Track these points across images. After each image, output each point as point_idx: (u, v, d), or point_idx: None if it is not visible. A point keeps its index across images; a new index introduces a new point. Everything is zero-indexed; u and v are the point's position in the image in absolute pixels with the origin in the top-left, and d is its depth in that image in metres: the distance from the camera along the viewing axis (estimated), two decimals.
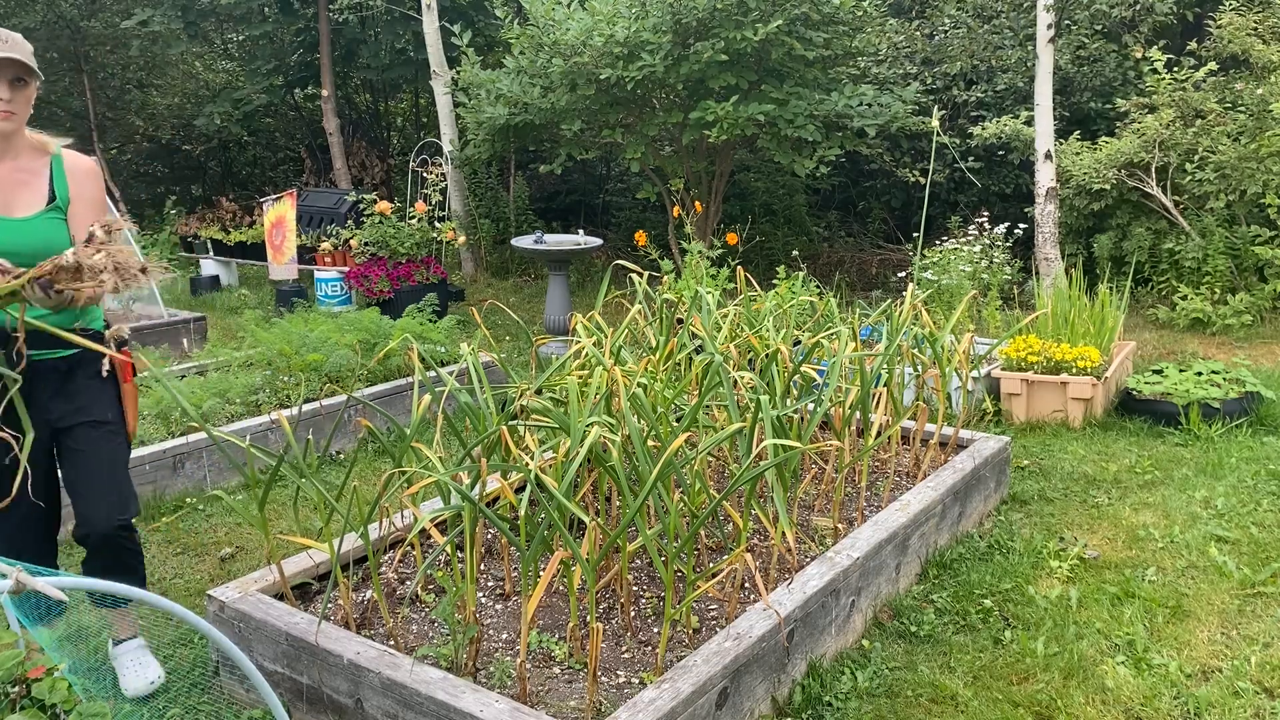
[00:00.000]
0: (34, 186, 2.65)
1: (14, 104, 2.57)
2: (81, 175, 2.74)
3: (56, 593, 1.69)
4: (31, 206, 2.64)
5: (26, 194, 2.64)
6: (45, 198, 2.66)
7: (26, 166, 2.67)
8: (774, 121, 8.16)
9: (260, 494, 2.94)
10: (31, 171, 2.67)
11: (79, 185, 2.72)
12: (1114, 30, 9.92)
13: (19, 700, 2.36)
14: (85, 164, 2.77)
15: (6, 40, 2.51)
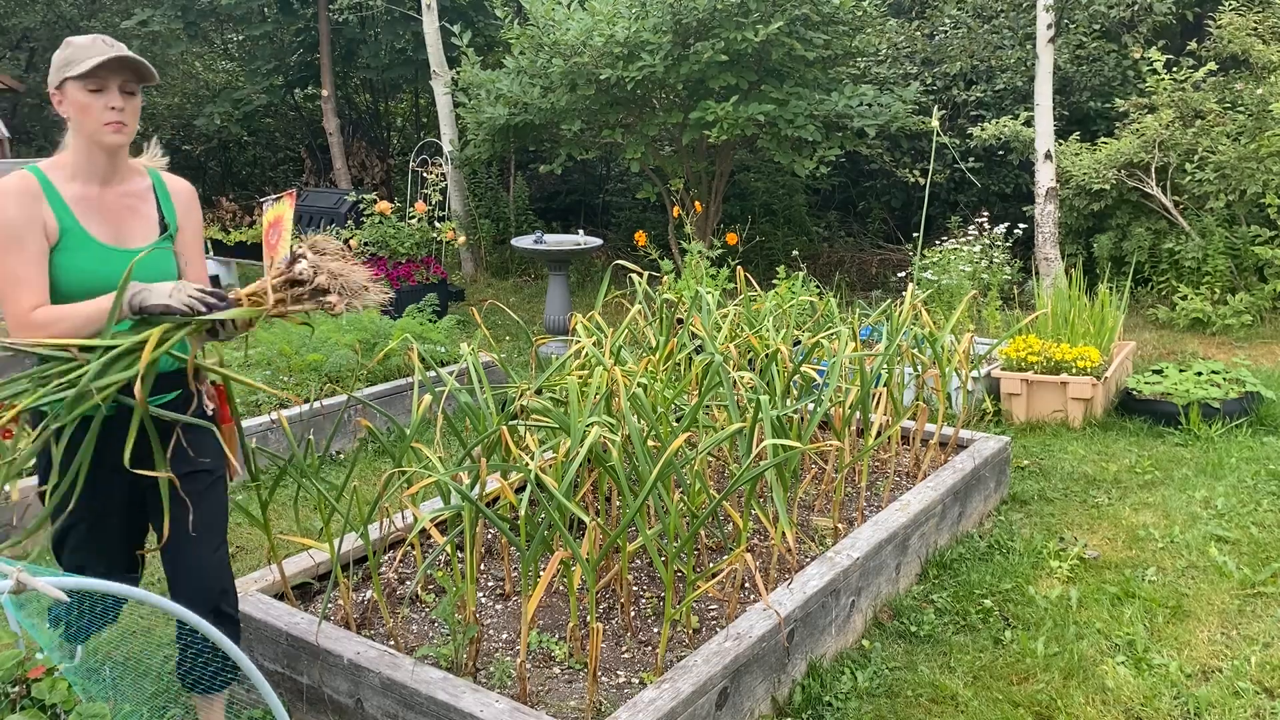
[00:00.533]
0: (144, 213, 2.30)
1: (126, 114, 2.18)
2: (186, 200, 2.41)
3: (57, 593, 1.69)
4: (146, 235, 2.28)
5: (138, 222, 2.28)
6: (156, 226, 2.31)
7: (133, 190, 2.30)
8: (774, 121, 8.16)
9: (260, 494, 2.94)
10: (139, 196, 2.31)
11: (185, 211, 2.39)
12: (1113, 30, 9.92)
13: (19, 700, 2.36)
14: (186, 186, 2.43)
15: (113, 44, 2.19)
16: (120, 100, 2.16)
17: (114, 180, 2.26)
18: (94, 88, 2.12)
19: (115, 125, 2.16)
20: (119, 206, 2.26)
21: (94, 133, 2.15)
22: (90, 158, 2.20)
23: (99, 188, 2.23)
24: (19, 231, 2.10)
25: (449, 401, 3.27)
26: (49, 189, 2.17)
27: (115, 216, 2.25)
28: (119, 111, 2.16)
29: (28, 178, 2.15)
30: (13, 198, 2.11)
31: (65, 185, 2.20)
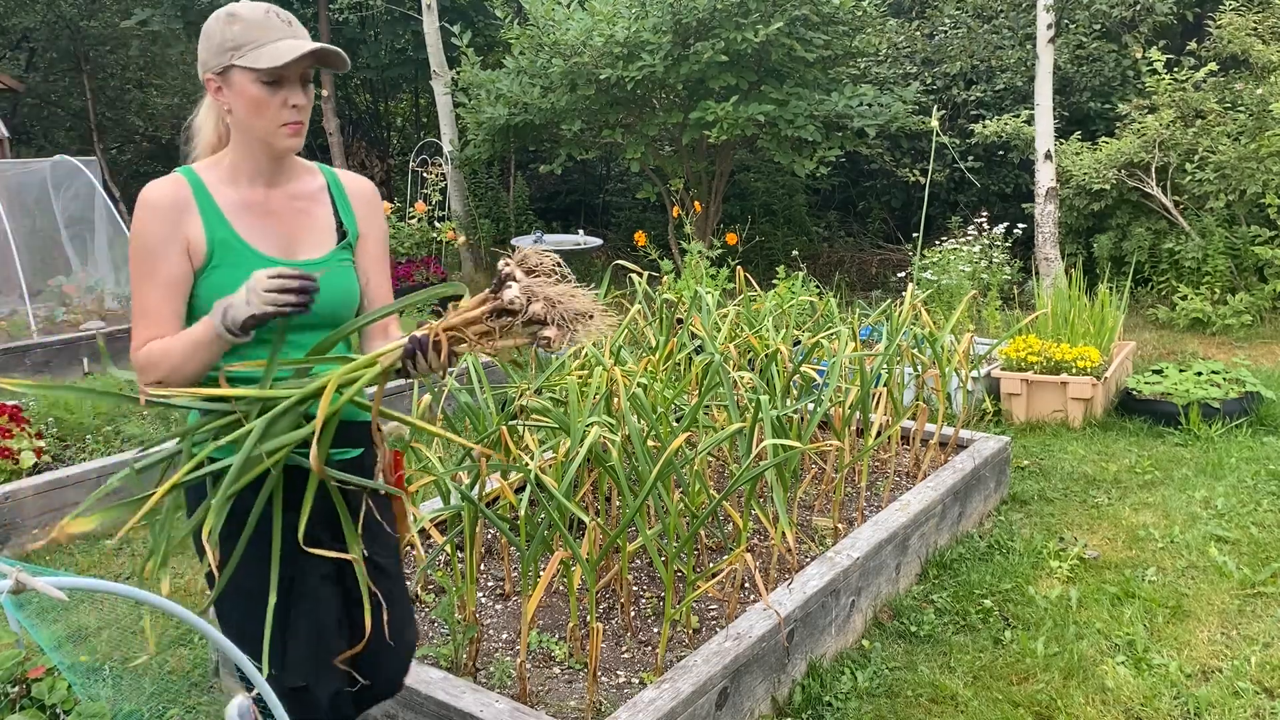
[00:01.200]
0: (317, 218, 1.90)
1: (305, 111, 1.80)
2: (368, 201, 1.99)
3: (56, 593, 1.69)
4: (319, 245, 1.88)
5: (310, 229, 1.88)
6: (333, 232, 1.90)
7: (304, 192, 1.90)
8: (774, 122, 8.16)
9: None
10: (310, 198, 1.91)
11: (368, 215, 1.97)
12: (1114, 30, 9.92)
13: (19, 700, 2.36)
14: (368, 187, 2.01)
15: (292, 23, 1.78)
16: (301, 95, 1.77)
17: (281, 181, 1.87)
18: (272, 80, 1.72)
19: (294, 127, 1.78)
20: (288, 211, 1.87)
21: (268, 135, 1.77)
22: (255, 158, 1.83)
23: (264, 190, 1.85)
24: (154, 253, 1.75)
25: (449, 401, 3.26)
26: (203, 196, 1.80)
27: (283, 223, 1.86)
28: (298, 110, 1.77)
29: (179, 184, 1.79)
30: (155, 211, 1.75)
31: (222, 190, 1.82)
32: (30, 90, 15.34)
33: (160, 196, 1.76)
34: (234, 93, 1.74)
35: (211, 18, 1.76)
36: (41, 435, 4.53)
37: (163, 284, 1.75)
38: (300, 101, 1.76)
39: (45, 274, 7.97)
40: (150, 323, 1.75)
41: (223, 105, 1.77)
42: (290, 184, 1.88)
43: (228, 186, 1.83)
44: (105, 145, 15.52)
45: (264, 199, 1.85)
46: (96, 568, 3.87)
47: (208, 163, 1.85)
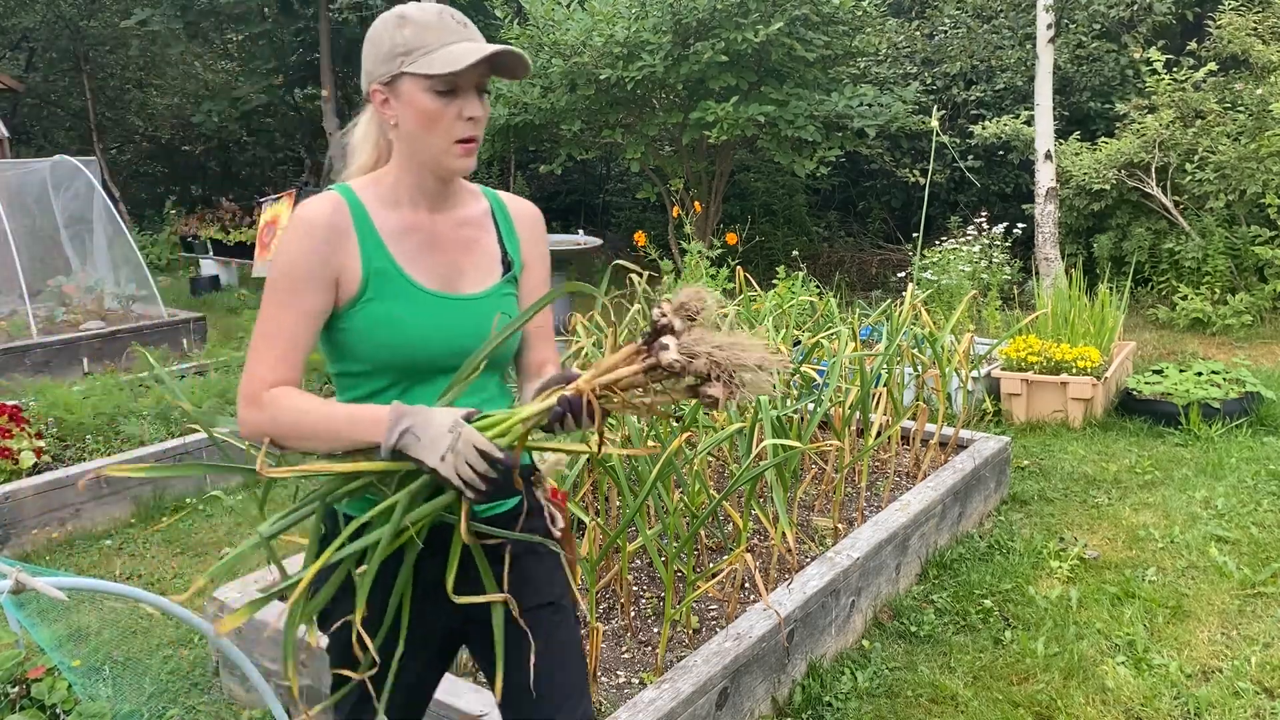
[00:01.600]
0: (483, 247, 1.68)
1: (480, 125, 1.57)
2: (533, 229, 1.76)
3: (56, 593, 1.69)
4: (483, 278, 1.66)
5: (474, 260, 1.67)
6: (498, 263, 1.68)
7: (469, 218, 1.68)
8: (774, 122, 8.16)
9: (259, 494, 2.94)
10: (476, 225, 1.69)
11: (532, 243, 1.75)
12: (1113, 30, 9.92)
13: (19, 700, 2.36)
14: (532, 212, 1.78)
15: (467, 25, 1.57)
16: (477, 106, 1.54)
17: (445, 205, 1.65)
18: (444, 88, 1.51)
19: (466, 146, 1.55)
20: (453, 240, 1.65)
21: (438, 153, 1.55)
22: (419, 179, 1.60)
23: (427, 214, 1.63)
24: (300, 280, 1.54)
25: None
26: (362, 221, 1.59)
27: (447, 253, 1.64)
28: (474, 124, 1.54)
29: (338, 207, 1.57)
30: (310, 235, 1.54)
31: (382, 213, 1.61)
32: (30, 90, 15.34)
33: (317, 219, 1.55)
34: (403, 104, 1.53)
35: (379, 21, 1.56)
36: (41, 435, 4.53)
37: (301, 315, 1.54)
38: (476, 113, 1.54)
39: (45, 274, 7.97)
40: (276, 354, 1.55)
41: (389, 119, 1.56)
42: (456, 209, 1.67)
43: (388, 209, 1.61)
44: (105, 145, 15.53)
45: (428, 225, 1.63)
46: (96, 568, 3.88)
47: (366, 180, 1.64)
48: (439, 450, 1.35)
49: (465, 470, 1.34)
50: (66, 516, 4.15)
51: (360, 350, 1.58)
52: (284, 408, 1.54)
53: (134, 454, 4.43)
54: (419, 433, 1.38)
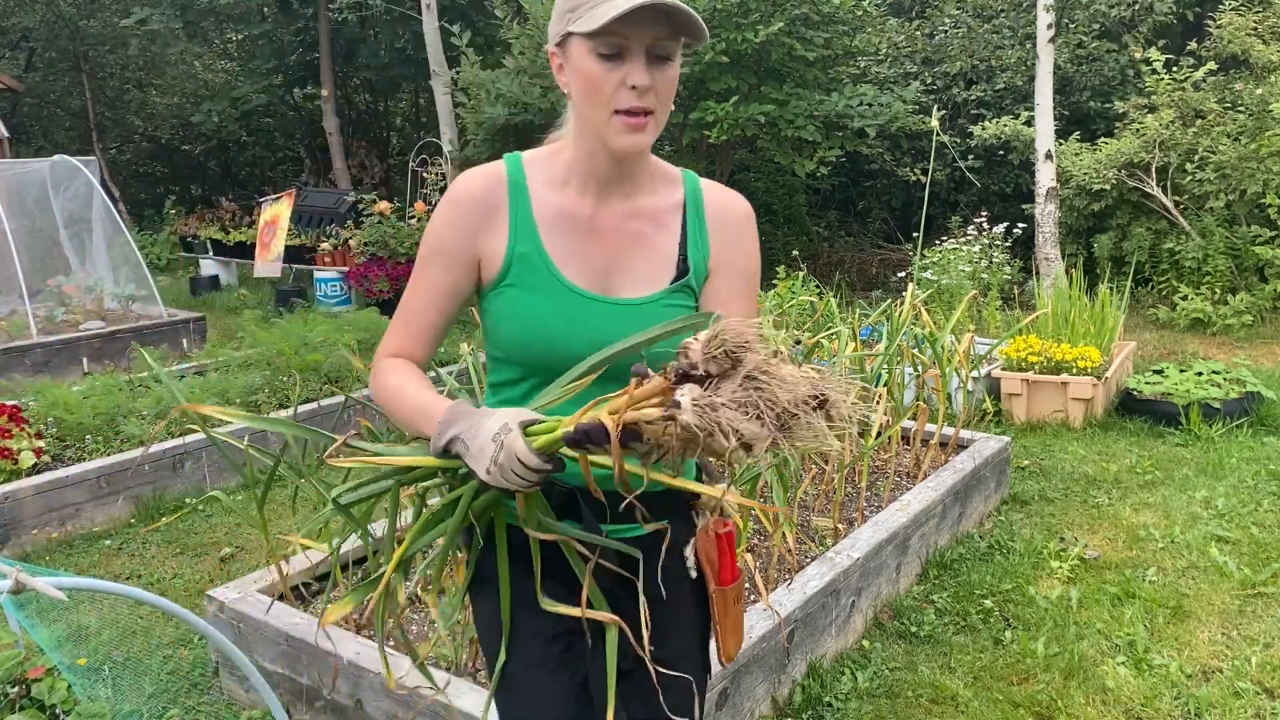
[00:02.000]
0: (654, 246, 1.45)
1: (654, 96, 1.33)
2: (733, 227, 1.50)
3: (56, 593, 1.69)
4: (648, 281, 1.44)
5: (641, 258, 1.45)
6: (671, 266, 1.45)
7: (647, 209, 1.46)
8: (774, 122, 8.16)
9: (258, 494, 2.94)
10: (654, 218, 1.46)
11: (729, 243, 1.49)
12: (1113, 30, 9.92)
13: (19, 700, 2.36)
14: (738, 208, 1.52)
15: None
16: (644, 74, 1.30)
17: (621, 191, 1.44)
18: (608, 51, 1.30)
19: (635, 119, 1.32)
20: (617, 233, 1.44)
21: (599, 127, 1.34)
22: (591, 159, 1.41)
23: (594, 201, 1.44)
24: (435, 253, 1.45)
25: None
26: (518, 198, 1.44)
27: (607, 247, 1.43)
28: (641, 93, 1.31)
29: (497, 181, 1.45)
30: (457, 209, 1.43)
31: (544, 194, 1.45)
32: (29, 90, 15.34)
33: (463, 195, 1.43)
34: (570, 68, 1.35)
35: None
36: (41, 435, 4.53)
37: (429, 290, 1.46)
38: (641, 81, 1.29)
39: (44, 274, 7.97)
40: (400, 324, 1.49)
41: (564, 88, 1.39)
42: (634, 198, 1.44)
43: (552, 189, 1.45)
44: (104, 145, 15.53)
45: (591, 213, 1.44)
46: (96, 568, 3.87)
47: (545, 153, 1.48)
48: (484, 461, 1.22)
49: (512, 479, 1.21)
50: (66, 516, 4.15)
51: (495, 336, 1.46)
52: (383, 380, 1.46)
53: (134, 453, 4.43)
54: (467, 441, 1.25)
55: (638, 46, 1.29)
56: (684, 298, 1.44)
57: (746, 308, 1.51)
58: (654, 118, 1.33)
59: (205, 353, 6.32)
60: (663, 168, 1.49)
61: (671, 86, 1.34)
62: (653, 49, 1.30)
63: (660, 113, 1.34)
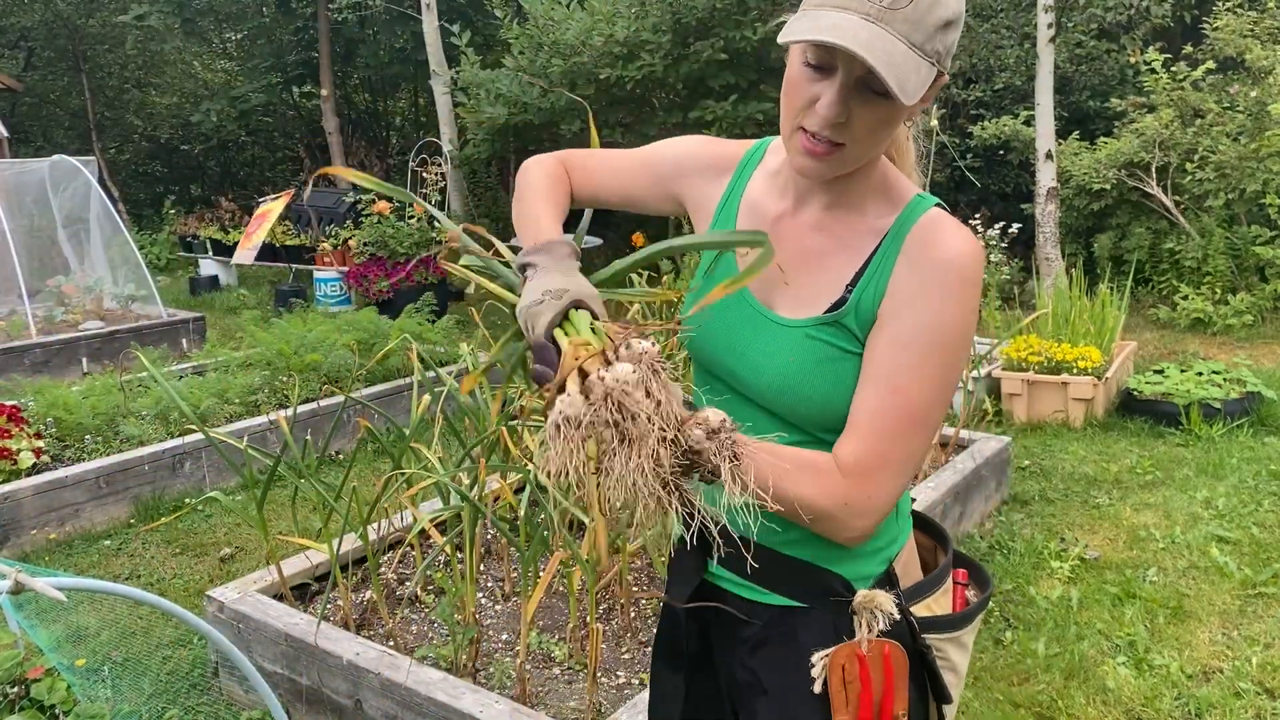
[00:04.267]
0: (828, 267, 1.24)
1: (847, 130, 1.13)
2: (928, 271, 1.16)
3: (55, 593, 1.68)
4: (806, 303, 1.23)
5: (809, 277, 1.25)
6: (834, 294, 1.22)
7: (841, 225, 1.24)
8: (774, 120, 8.16)
9: (258, 495, 2.94)
10: (839, 238, 1.24)
11: (911, 291, 1.17)
12: (1112, 30, 9.92)
13: (18, 701, 2.35)
14: (939, 251, 1.16)
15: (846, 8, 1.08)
16: (836, 105, 1.10)
17: (821, 201, 1.26)
18: (815, 61, 1.12)
19: (812, 144, 1.14)
20: (796, 243, 1.26)
21: (784, 133, 1.19)
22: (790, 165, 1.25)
23: (792, 203, 1.28)
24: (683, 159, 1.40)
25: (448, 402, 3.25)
26: (741, 174, 1.36)
27: (781, 255, 1.25)
28: (831, 124, 1.11)
29: (738, 151, 1.39)
30: (717, 150, 1.39)
31: (761, 178, 1.34)
32: (28, 89, 15.33)
33: (725, 146, 1.39)
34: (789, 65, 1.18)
35: None
36: (40, 435, 4.52)
37: (627, 159, 1.44)
38: (829, 113, 1.10)
39: (43, 274, 7.97)
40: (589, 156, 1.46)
41: None
42: (834, 209, 1.25)
43: (766, 179, 1.33)
44: (103, 145, 15.52)
45: (779, 214, 1.30)
46: (96, 568, 3.87)
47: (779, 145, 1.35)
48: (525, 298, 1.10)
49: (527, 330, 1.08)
50: (66, 517, 4.15)
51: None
52: (531, 174, 1.40)
53: (134, 454, 4.43)
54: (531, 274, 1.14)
55: (844, 72, 1.10)
56: (833, 334, 1.20)
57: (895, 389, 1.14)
58: (842, 152, 1.14)
59: (204, 353, 6.32)
60: (894, 186, 1.25)
61: (876, 126, 1.13)
62: (865, 79, 1.09)
63: (854, 149, 1.14)
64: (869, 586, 1.24)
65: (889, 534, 1.28)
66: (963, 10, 1.12)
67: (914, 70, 1.07)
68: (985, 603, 1.39)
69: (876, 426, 1.14)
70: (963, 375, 4.50)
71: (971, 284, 1.15)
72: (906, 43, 1.07)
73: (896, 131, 1.22)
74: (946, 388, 1.16)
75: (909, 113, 1.18)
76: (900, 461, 1.15)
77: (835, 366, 1.19)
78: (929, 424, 1.16)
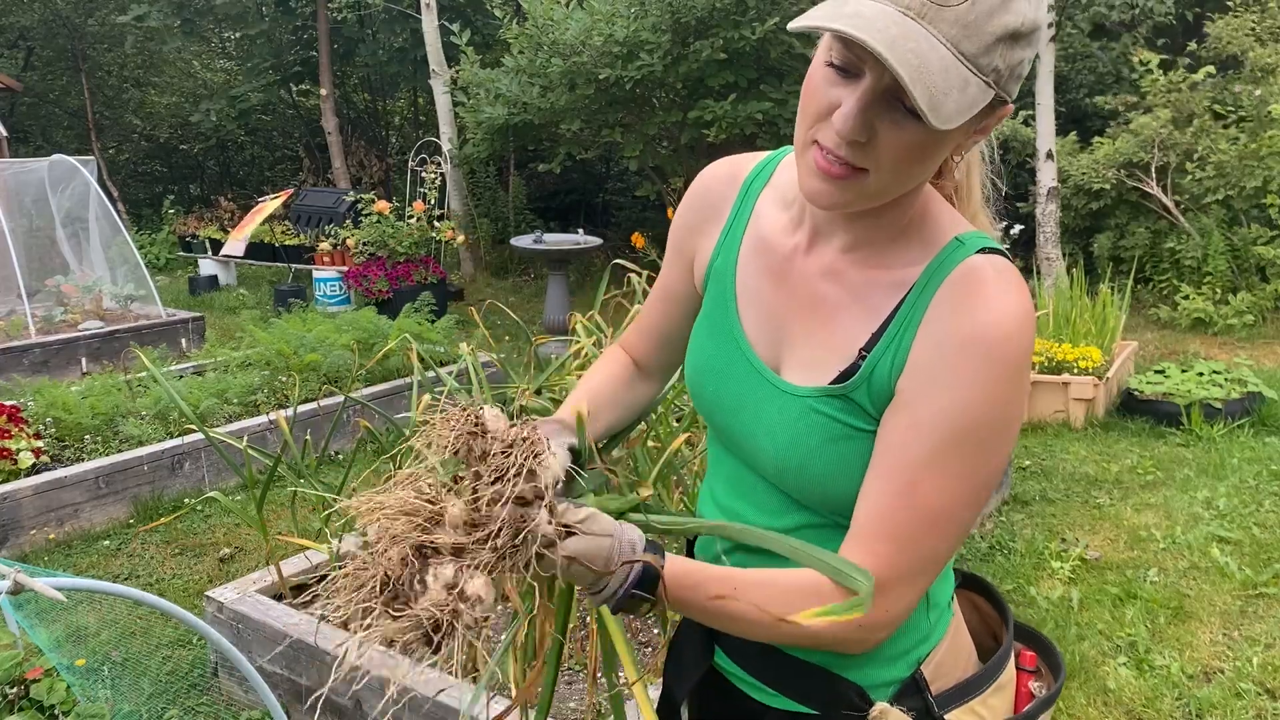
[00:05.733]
0: (839, 323, 1.02)
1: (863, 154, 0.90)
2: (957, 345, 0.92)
3: (54, 593, 1.68)
4: (813, 367, 1.03)
5: (817, 333, 1.04)
6: (844, 360, 1.00)
7: (858, 273, 1.02)
8: (773, 120, 8.16)
9: (258, 495, 2.93)
10: (855, 290, 1.02)
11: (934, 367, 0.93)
12: (1113, 29, 9.92)
13: (17, 701, 2.35)
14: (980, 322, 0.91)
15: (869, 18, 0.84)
16: (856, 120, 0.88)
17: (841, 238, 1.03)
18: (839, 62, 0.90)
19: (832, 165, 0.91)
20: (806, 289, 1.05)
21: (797, 147, 0.97)
22: None
23: (807, 238, 1.06)
24: (669, 246, 1.22)
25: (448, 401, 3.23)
26: (744, 203, 1.15)
27: (789, 307, 1.06)
28: (847, 141, 0.90)
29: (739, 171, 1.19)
30: (693, 195, 1.20)
31: (769, 208, 1.13)
32: (28, 89, 15.32)
33: (701, 183, 1.19)
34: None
35: None
36: (40, 435, 4.52)
37: (657, 286, 1.24)
38: (846, 128, 0.88)
39: (43, 274, 7.96)
40: (636, 320, 1.28)
41: None
42: (856, 250, 1.02)
43: (776, 208, 1.11)
44: (103, 144, 15.51)
45: (791, 252, 1.07)
46: (95, 568, 3.86)
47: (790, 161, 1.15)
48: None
49: None
50: (65, 517, 4.14)
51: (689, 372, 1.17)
52: (592, 367, 1.28)
53: (133, 454, 4.42)
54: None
55: (871, 79, 0.87)
56: (840, 408, 0.98)
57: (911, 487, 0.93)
58: (863, 180, 0.91)
59: (204, 352, 6.31)
60: (931, 224, 1.00)
61: (905, 154, 0.90)
62: (896, 90, 0.86)
63: (878, 179, 0.91)
64: (890, 695, 1.04)
65: (917, 632, 1.06)
66: (1042, 24, 0.90)
67: (958, 86, 0.84)
68: (1053, 699, 1.13)
69: (889, 532, 0.93)
70: None
71: (1010, 358, 0.90)
72: (953, 50, 0.84)
73: (948, 163, 1.02)
74: (979, 487, 0.93)
75: (956, 142, 0.93)
76: (921, 570, 0.95)
77: (844, 446, 0.98)
78: (957, 524, 0.94)
